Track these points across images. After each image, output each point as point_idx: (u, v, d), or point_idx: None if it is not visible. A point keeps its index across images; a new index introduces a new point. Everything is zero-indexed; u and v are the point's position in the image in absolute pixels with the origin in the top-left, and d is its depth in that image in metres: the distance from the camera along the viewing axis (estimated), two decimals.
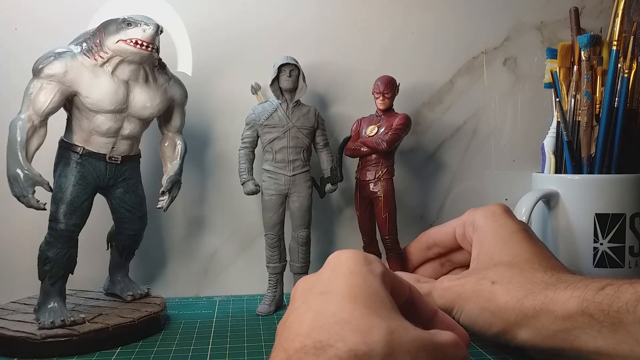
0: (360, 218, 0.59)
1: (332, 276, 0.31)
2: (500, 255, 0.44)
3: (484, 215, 0.48)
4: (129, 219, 0.55)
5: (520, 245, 0.44)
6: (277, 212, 0.59)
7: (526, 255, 0.43)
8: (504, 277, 0.42)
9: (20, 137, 0.47)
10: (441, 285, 0.46)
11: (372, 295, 0.30)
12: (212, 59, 0.66)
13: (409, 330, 0.29)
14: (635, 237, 0.57)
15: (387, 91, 0.58)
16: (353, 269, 0.31)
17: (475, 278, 0.44)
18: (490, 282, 0.42)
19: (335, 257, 0.33)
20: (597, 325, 0.35)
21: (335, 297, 0.29)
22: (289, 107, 0.59)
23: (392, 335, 0.27)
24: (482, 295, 0.42)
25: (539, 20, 0.72)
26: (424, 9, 0.70)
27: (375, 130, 0.58)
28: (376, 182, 0.57)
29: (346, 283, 0.30)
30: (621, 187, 0.58)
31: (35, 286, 0.50)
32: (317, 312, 0.28)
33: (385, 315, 0.29)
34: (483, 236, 0.47)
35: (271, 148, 0.59)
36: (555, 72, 0.64)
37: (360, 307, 0.29)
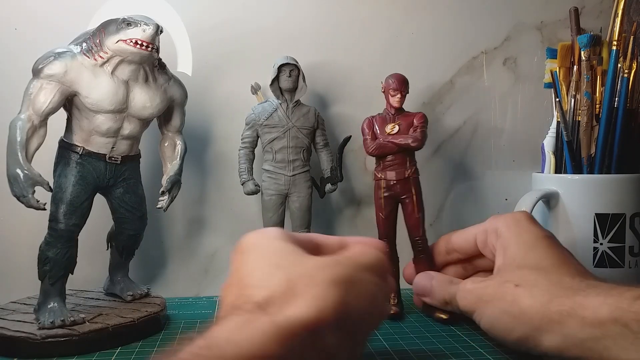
0: (384, 220, 0.55)
1: (239, 259, 0.35)
2: (524, 259, 0.43)
3: (508, 222, 0.47)
4: (129, 219, 0.55)
5: (545, 251, 0.43)
6: (277, 212, 0.59)
7: (552, 260, 0.42)
8: (529, 280, 0.40)
9: (20, 137, 0.47)
10: (464, 287, 0.45)
11: (270, 255, 0.33)
12: (212, 59, 0.66)
13: (308, 262, 0.32)
14: (635, 237, 0.57)
15: (403, 89, 0.56)
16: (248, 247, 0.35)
17: (497, 281, 0.42)
18: (513, 285, 0.40)
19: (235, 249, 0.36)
20: (631, 336, 0.33)
21: (245, 271, 0.33)
22: (289, 107, 0.59)
23: (289, 274, 0.31)
24: (504, 298, 0.40)
25: (539, 20, 0.72)
26: (424, 9, 0.70)
27: (396, 129, 0.55)
28: (405, 181, 0.55)
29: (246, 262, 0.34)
30: (621, 187, 0.58)
31: (35, 286, 0.50)
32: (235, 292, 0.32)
33: (285, 263, 0.32)
34: (507, 242, 0.45)
35: (271, 148, 0.59)
36: (555, 72, 0.64)
37: (260, 269, 0.33)
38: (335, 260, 0.33)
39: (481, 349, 0.46)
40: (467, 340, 0.48)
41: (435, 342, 0.48)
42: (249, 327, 0.27)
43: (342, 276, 0.32)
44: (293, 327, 0.28)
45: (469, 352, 0.45)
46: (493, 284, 0.42)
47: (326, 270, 0.32)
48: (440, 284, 0.49)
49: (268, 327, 0.27)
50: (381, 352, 0.46)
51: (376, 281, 0.35)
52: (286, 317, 0.28)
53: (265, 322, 0.28)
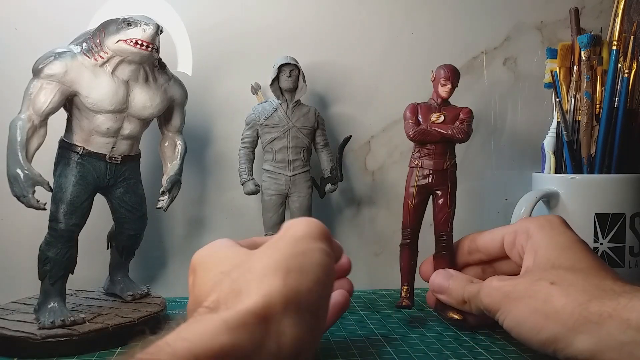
0: (412, 209, 0.53)
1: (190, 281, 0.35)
2: (559, 260, 0.40)
3: (541, 224, 0.45)
4: (129, 219, 0.55)
5: (582, 254, 0.41)
6: (277, 212, 0.59)
7: (589, 263, 0.40)
8: (565, 279, 0.38)
9: (20, 137, 0.47)
10: (490, 284, 0.43)
11: (217, 264, 0.34)
12: (212, 59, 0.66)
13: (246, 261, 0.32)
14: (635, 237, 0.58)
15: (454, 80, 0.54)
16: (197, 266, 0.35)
17: (529, 279, 0.40)
18: (548, 283, 0.38)
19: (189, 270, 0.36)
20: None
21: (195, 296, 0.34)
22: (289, 107, 0.59)
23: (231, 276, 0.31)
24: (536, 296, 0.38)
25: (539, 20, 0.72)
26: (424, 9, 0.70)
27: (442, 118, 0.53)
28: (442, 173, 0.53)
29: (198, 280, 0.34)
30: (621, 187, 0.58)
31: (35, 286, 0.50)
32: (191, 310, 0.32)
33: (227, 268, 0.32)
34: (539, 243, 0.43)
35: (271, 148, 0.59)
36: (555, 72, 0.64)
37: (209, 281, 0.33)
38: (269, 246, 0.32)
39: (481, 349, 0.46)
40: (467, 340, 0.48)
41: (435, 342, 0.48)
42: (198, 324, 0.27)
43: (279, 257, 0.31)
44: (242, 318, 0.27)
45: (469, 352, 0.45)
46: (524, 281, 0.40)
47: (263, 258, 0.31)
48: (459, 283, 0.47)
49: (216, 321, 0.27)
50: (381, 352, 0.46)
51: (317, 246, 0.33)
52: (234, 311, 0.28)
53: (213, 318, 0.27)
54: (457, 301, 0.47)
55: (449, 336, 0.50)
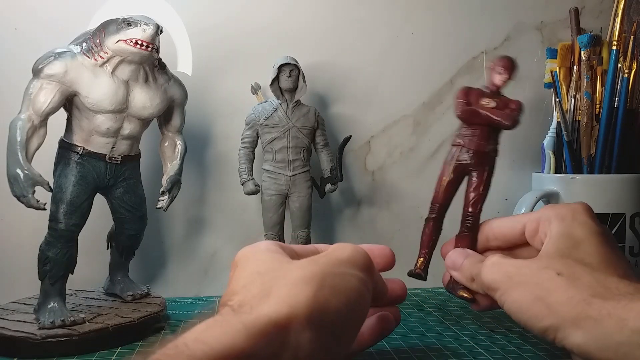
0: (445, 185, 0.53)
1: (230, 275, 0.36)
2: (570, 251, 0.40)
3: (563, 212, 0.44)
4: (129, 219, 0.55)
5: (596, 247, 0.40)
6: (277, 212, 0.59)
7: (601, 258, 0.39)
8: (572, 271, 0.38)
9: (20, 137, 0.47)
10: (491, 259, 0.42)
11: (256, 266, 0.34)
12: (211, 59, 0.66)
13: (284, 264, 0.33)
14: (635, 237, 0.57)
15: (511, 72, 0.53)
16: (239, 262, 0.36)
17: (537, 265, 0.39)
18: (554, 272, 0.38)
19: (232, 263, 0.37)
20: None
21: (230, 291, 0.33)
22: (289, 107, 0.59)
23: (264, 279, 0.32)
24: (541, 284, 0.38)
25: (539, 20, 0.72)
26: (424, 9, 0.70)
27: (493, 104, 0.52)
28: (483, 155, 0.52)
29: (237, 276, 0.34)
30: (621, 187, 0.58)
31: (35, 286, 0.50)
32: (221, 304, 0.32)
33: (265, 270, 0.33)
34: (556, 232, 0.42)
35: (271, 148, 0.59)
36: (555, 72, 0.64)
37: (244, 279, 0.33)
38: (310, 260, 0.33)
39: (481, 349, 0.46)
40: (467, 340, 0.48)
41: (435, 342, 0.48)
42: (218, 326, 0.27)
43: (314, 273, 0.31)
44: (262, 324, 0.28)
45: (469, 352, 0.45)
46: (530, 265, 0.40)
47: (299, 269, 0.32)
48: (473, 261, 0.46)
49: (237, 325, 0.27)
50: (380, 352, 0.46)
51: (356, 275, 0.33)
52: (256, 316, 0.28)
53: (234, 321, 0.28)
54: (467, 279, 0.46)
55: (449, 336, 0.50)
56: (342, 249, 0.35)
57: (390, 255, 0.43)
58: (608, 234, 0.42)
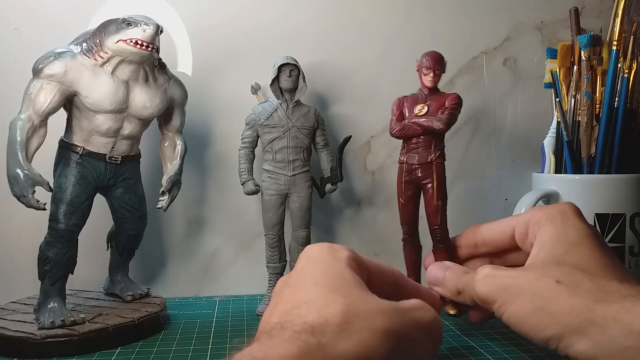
0: (403, 206, 0.53)
1: (300, 269, 0.35)
2: (566, 257, 0.39)
3: (552, 214, 0.43)
4: (129, 219, 0.55)
5: (591, 251, 0.39)
6: (277, 212, 0.59)
7: (598, 262, 0.38)
8: (572, 279, 0.37)
9: (20, 137, 0.47)
10: (484, 271, 0.41)
11: (334, 277, 0.33)
12: (212, 59, 0.66)
13: (368, 301, 0.32)
14: (635, 237, 0.57)
15: (437, 67, 0.53)
16: (317, 258, 0.35)
17: (533, 274, 0.39)
18: (553, 281, 0.37)
19: (304, 252, 0.36)
20: None
21: (300, 285, 0.33)
22: (289, 107, 0.59)
23: (348, 307, 0.30)
24: (541, 293, 0.37)
25: (539, 20, 0.72)
26: (424, 9, 0.70)
27: (425, 109, 0.52)
28: (427, 166, 0.51)
29: (311, 271, 0.34)
30: (621, 187, 0.58)
31: (35, 286, 0.50)
32: (285, 302, 0.32)
33: (345, 292, 0.32)
34: (548, 235, 0.42)
35: (271, 148, 0.59)
36: (555, 72, 0.64)
37: (321, 289, 0.32)
38: (394, 309, 0.33)
39: (481, 349, 0.46)
40: (467, 340, 0.48)
41: None
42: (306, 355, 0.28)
43: (397, 329, 0.31)
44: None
45: (469, 352, 0.45)
46: (527, 275, 0.39)
47: (384, 317, 0.31)
48: (454, 274, 0.46)
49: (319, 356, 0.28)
50: None
51: (426, 344, 0.34)
52: (336, 356, 0.28)
53: (319, 355, 0.28)
54: (452, 292, 0.46)
55: (449, 336, 0.50)
56: (425, 312, 0.35)
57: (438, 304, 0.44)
58: (598, 235, 0.42)
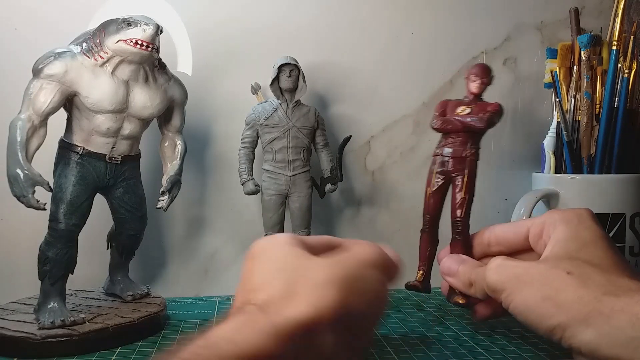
0: (431, 196, 0.54)
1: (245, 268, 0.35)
2: (578, 253, 0.40)
3: (568, 215, 0.44)
4: (129, 219, 0.55)
5: (603, 249, 0.40)
6: (277, 212, 0.59)
7: (610, 260, 0.39)
8: (583, 271, 0.38)
9: (20, 137, 0.47)
10: (495, 262, 0.42)
11: (275, 259, 0.34)
12: (212, 59, 0.66)
13: (310, 265, 0.33)
14: (635, 237, 0.57)
15: (485, 76, 0.55)
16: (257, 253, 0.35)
17: (545, 265, 0.39)
18: (564, 272, 0.38)
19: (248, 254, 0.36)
20: None
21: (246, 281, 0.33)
22: (289, 107, 0.59)
23: (290, 278, 0.31)
24: (550, 283, 0.37)
25: (539, 20, 0.72)
26: (424, 10, 0.70)
27: (467, 111, 0.54)
28: (461, 160, 0.53)
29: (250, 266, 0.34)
30: (621, 187, 0.58)
31: (35, 286, 0.50)
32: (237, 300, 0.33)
33: (288, 267, 0.33)
34: (562, 235, 0.42)
35: (271, 148, 0.59)
36: (555, 72, 0.64)
37: (264, 275, 0.33)
38: (335, 260, 0.33)
39: (481, 349, 0.46)
40: (467, 340, 0.48)
41: (435, 342, 0.48)
42: (248, 327, 0.28)
43: (341, 275, 0.32)
44: (291, 326, 0.28)
45: (469, 352, 0.45)
46: (538, 266, 0.40)
47: (325, 269, 0.32)
48: (468, 266, 0.47)
49: (266, 326, 0.28)
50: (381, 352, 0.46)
51: (377, 277, 0.35)
52: (284, 317, 0.29)
53: (263, 322, 0.28)
54: (464, 284, 0.46)
55: (449, 336, 0.50)
56: (362, 248, 0.35)
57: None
58: (611, 239, 0.43)
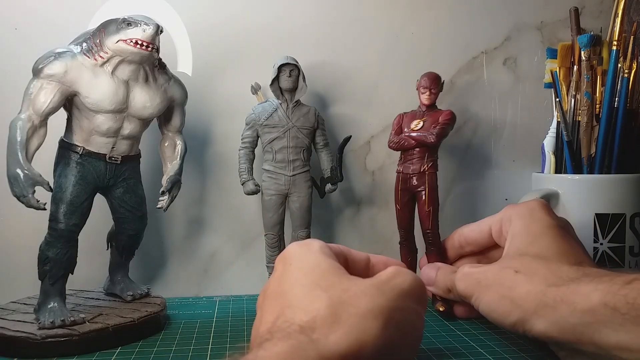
0: (400, 212, 0.59)
1: (277, 275, 0.36)
2: (528, 248, 0.44)
3: (521, 210, 0.48)
4: (129, 219, 0.55)
5: (550, 240, 0.44)
6: (277, 212, 0.59)
7: (555, 250, 0.43)
8: (529, 267, 0.41)
9: (20, 137, 0.47)
10: (462, 270, 0.46)
11: (312, 272, 0.34)
12: (212, 59, 0.66)
13: (350, 287, 0.32)
14: (635, 237, 0.57)
15: (433, 87, 0.58)
16: (291, 260, 0.36)
17: (498, 267, 0.43)
18: (513, 271, 0.42)
19: (279, 258, 0.37)
20: (620, 318, 0.34)
21: (281, 292, 0.34)
22: (289, 107, 0.59)
23: (331, 299, 0.31)
24: (503, 283, 0.41)
25: (539, 20, 0.72)
26: (424, 9, 0.70)
27: (420, 125, 0.57)
28: (420, 175, 0.57)
29: (287, 275, 0.35)
30: (621, 187, 0.58)
31: (35, 286, 0.50)
32: (270, 312, 0.33)
33: (326, 284, 0.33)
34: (515, 230, 0.46)
35: (271, 148, 0.59)
36: (555, 72, 0.64)
37: (301, 289, 0.33)
38: (375, 287, 0.34)
39: (481, 349, 0.46)
40: (467, 340, 0.48)
41: (435, 342, 0.48)
42: (295, 355, 0.28)
43: (384, 306, 0.32)
44: (334, 357, 0.29)
45: (469, 352, 0.45)
46: (493, 269, 0.43)
47: (368, 298, 0.32)
48: (444, 274, 0.50)
49: (313, 357, 0.28)
50: None
51: (415, 309, 0.35)
52: (330, 350, 0.29)
53: (312, 353, 0.28)
54: (443, 290, 0.50)
55: (449, 336, 0.50)
56: (403, 278, 0.35)
57: None
58: (564, 226, 0.46)
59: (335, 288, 0.32)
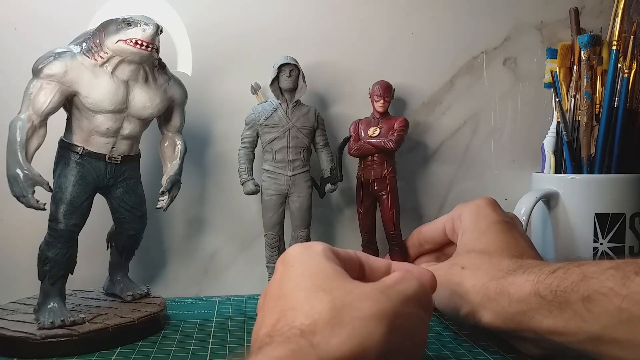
0: (362, 216, 0.61)
1: (278, 277, 0.35)
2: (474, 244, 0.47)
3: (470, 208, 0.50)
4: (129, 219, 0.55)
5: (495, 235, 0.47)
6: (277, 212, 0.59)
7: (498, 244, 0.46)
8: (474, 263, 0.44)
9: (20, 137, 0.47)
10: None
11: (314, 275, 0.34)
12: (211, 59, 0.66)
13: (353, 290, 0.32)
14: (635, 237, 0.58)
15: (386, 95, 0.61)
16: (293, 261, 0.36)
17: (448, 264, 0.47)
18: (460, 268, 0.45)
19: (280, 259, 0.37)
20: (547, 305, 0.37)
21: (282, 293, 0.33)
22: (289, 107, 0.59)
23: (334, 302, 0.31)
24: (452, 279, 0.44)
25: (539, 20, 0.72)
26: (424, 9, 0.70)
27: (377, 132, 0.60)
28: (382, 180, 0.59)
29: (289, 276, 0.34)
30: (621, 187, 0.58)
31: (35, 286, 0.50)
32: (271, 314, 0.32)
33: (328, 287, 0.32)
34: (465, 227, 0.49)
35: (271, 148, 0.59)
36: (555, 72, 0.64)
37: (303, 291, 0.32)
38: (379, 291, 0.33)
39: (481, 349, 0.46)
40: (467, 340, 0.48)
41: (435, 342, 0.48)
42: (294, 355, 0.28)
43: (388, 310, 0.32)
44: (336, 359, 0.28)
45: (468, 352, 0.45)
46: (444, 266, 0.47)
47: (371, 302, 0.32)
48: None
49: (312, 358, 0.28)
50: None
51: (420, 315, 0.35)
52: (330, 353, 0.28)
53: (312, 358, 0.28)
54: None
55: (448, 336, 0.50)
56: (408, 283, 0.35)
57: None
58: (510, 221, 0.49)
59: (337, 291, 0.32)
